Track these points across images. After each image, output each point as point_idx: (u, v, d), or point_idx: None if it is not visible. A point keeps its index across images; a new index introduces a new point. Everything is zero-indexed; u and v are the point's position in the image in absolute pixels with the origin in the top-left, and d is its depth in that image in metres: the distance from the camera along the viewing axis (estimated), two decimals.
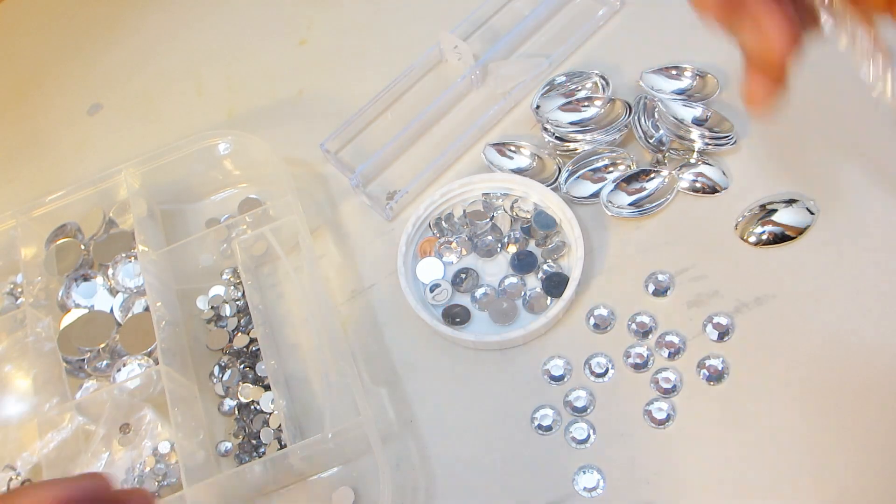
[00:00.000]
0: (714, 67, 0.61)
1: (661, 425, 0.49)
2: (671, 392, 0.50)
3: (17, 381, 0.59)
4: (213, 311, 0.60)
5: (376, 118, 0.67)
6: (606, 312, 0.54)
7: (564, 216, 0.56)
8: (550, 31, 0.68)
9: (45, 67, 0.81)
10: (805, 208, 0.53)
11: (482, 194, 0.60)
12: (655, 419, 0.49)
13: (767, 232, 0.53)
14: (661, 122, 0.58)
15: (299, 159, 0.67)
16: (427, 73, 0.69)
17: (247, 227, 0.60)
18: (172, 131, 0.72)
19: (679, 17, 0.65)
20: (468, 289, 0.57)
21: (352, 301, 0.59)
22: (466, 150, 0.63)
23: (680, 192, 0.57)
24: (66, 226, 0.62)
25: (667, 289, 0.53)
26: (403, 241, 0.57)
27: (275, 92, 0.72)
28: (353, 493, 0.51)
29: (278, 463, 0.50)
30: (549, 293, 0.55)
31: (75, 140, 0.75)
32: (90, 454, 0.53)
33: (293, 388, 0.57)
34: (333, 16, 0.76)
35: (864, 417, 0.47)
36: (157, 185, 0.63)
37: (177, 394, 0.53)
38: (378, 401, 0.54)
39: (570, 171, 0.58)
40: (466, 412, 0.53)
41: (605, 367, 0.52)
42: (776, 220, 0.53)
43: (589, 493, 0.48)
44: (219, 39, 0.78)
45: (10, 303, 0.63)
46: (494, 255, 0.58)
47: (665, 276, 0.54)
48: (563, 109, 0.61)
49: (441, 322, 0.54)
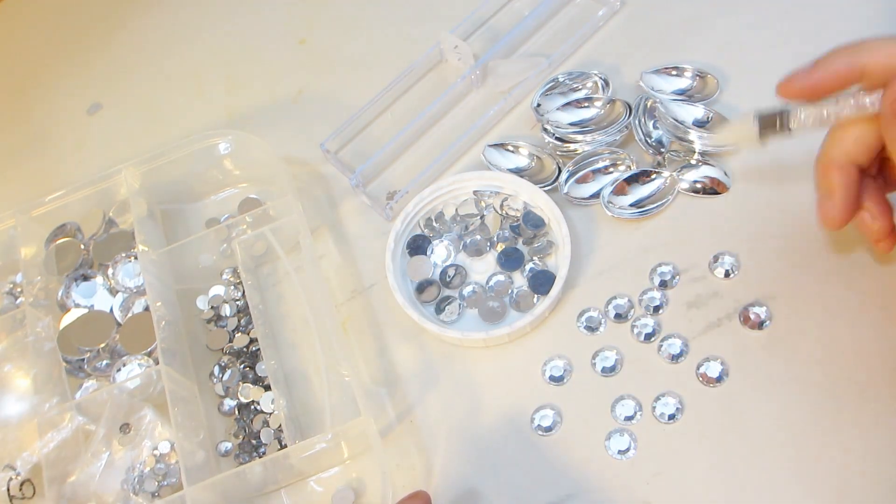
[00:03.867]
0: (714, 67, 0.61)
1: (661, 426, 0.49)
2: (671, 393, 0.50)
3: (17, 381, 0.59)
4: (213, 311, 0.60)
5: (376, 118, 0.67)
6: (602, 314, 0.54)
7: (553, 215, 0.56)
8: (550, 31, 0.68)
9: (45, 67, 0.81)
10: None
11: (473, 192, 0.60)
12: (656, 420, 0.49)
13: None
14: (660, 124, 0.58)
15: (299, 159, 0.67)
16: (427, 73, 0.69)
17: (247, 227, 0.60)
18: (172, 131, 0.72)
19: (679, 17, 0.65)
20: (456, 286, 0.57)
21: (352, 301, 0.59)
22: (466, 150, 0.63)
23: (681, 193, 0.57)
24: (66, 225, 0.62)
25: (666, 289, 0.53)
26: (392, 239, 0.57)
27: (275, 92, 0.72)
28: (353, 493, 0.51)
29: (278, 463, 0.50)
30: (535, 291, 0.55)
31: (75, 140, 0.75)
32: (90, 454, 0.53)
33: (293, 388, 0.57)
34: (333, 16, 0.76)
35: (864, 417, 0.47)
36: (157, 185, 0.63)
37: (177, 394, 0.53)
38: (378, 401, 0.54)
39: (571, 171, 0.58)
40: (467, 412, 0.53)
41: (613, 364, 0.52)
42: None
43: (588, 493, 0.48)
44: (219, 39, 0.78)
45: (10, 302, 0.63)
46: (483, 254, 0.58)
47: (666, 277, 0.54)
48: (563, 110, 0.61)
49: (429, 321, 0.54)
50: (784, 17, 0.63)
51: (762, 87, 0.60)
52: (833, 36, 0.60)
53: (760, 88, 0.60)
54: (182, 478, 0.49)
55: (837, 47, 0.41)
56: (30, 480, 0.55)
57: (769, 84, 0.60)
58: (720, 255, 0.53)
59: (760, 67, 0.61)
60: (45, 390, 0.55)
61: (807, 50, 0.62)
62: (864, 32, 0.60)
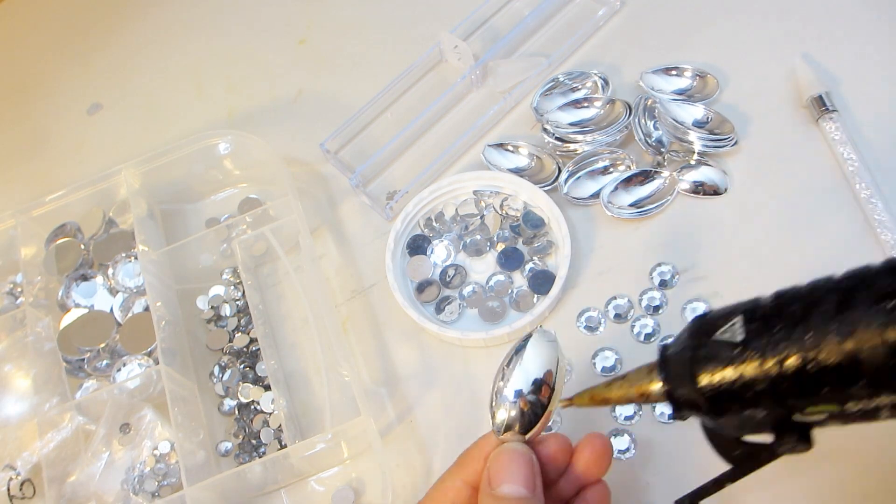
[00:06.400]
0: (714, 67, 0.61)
1: (661, 426, 0.49)
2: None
3: (17, 381, 0.59)
4: (213, 310, 0.60)
5: (376, 118, 0.67)
6: (602, 314, 0.54)
7: (552, 215, 0.56)
8: (550, 31, 0.68)
9: (45, 67, 0.81)
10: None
11: (473, 192, 0.60)
12: (656, 420, 0.49)
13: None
14: (660, 124, 0.58)
15: (299, 159, 0.67)
16: (427, 73, 0.69)
17: (247, 227, 0.60)
18: (172, 131, 0.72)
19: (679, 17, 0.65)
20: (456, 286, 0.57)
21: (352, 301, 0.59)
22: (466, 151, 0.63)
23: (680, 193, 0.57)
24: (66, 225, 0.62)
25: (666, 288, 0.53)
26: (392, 239, 0.57)
27: (274, 92, 0.72)
28: (353, 493, 0.51)
29: (278, 463, 0.50)
30: (535, 291, 0.55)
31: (75, 140, 0.75)
32: (90, 454, 0.53)
33: (293, 388, 0.57)
34: (333, 16, 0.76)
35: None
36: (157, 185, 0.63)
37: (177, 394, 0.53)
38: (378, 401, 0.54)
39: (571, 171, 0.58)
40: (467, 412, 0.53)
41: (613, 364, 0.52)
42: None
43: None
44: (219, 39, 0.78)
45: (10, 302, 0.63)
46: (483, 254, 0.58)
47: (665, 277, 0.54)
48: (563, 110, 0.61)
49: (429, 321, 0.54)
50: (784, 17, 0.63)
51: (762, 87, 0.60)
52: (833, 36, 0.61)
53: (760, 88, 0.60)
54: (182, 478, 0.49)
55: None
56: (30, 480, 0.55)
57: (769, 84, 0.60)
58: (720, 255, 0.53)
59: (760, 67, 0.61)
60: (45, 390, 0.55)
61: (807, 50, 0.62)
62: (864, 32, 0.60)
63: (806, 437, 0.30)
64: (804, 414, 0.29)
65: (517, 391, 0.38)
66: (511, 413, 0.38)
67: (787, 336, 0.28)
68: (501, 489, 0.36)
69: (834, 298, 0.27)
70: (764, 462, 0.33)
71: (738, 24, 0.63)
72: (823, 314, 0.27)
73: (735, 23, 0.64)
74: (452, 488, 0.39)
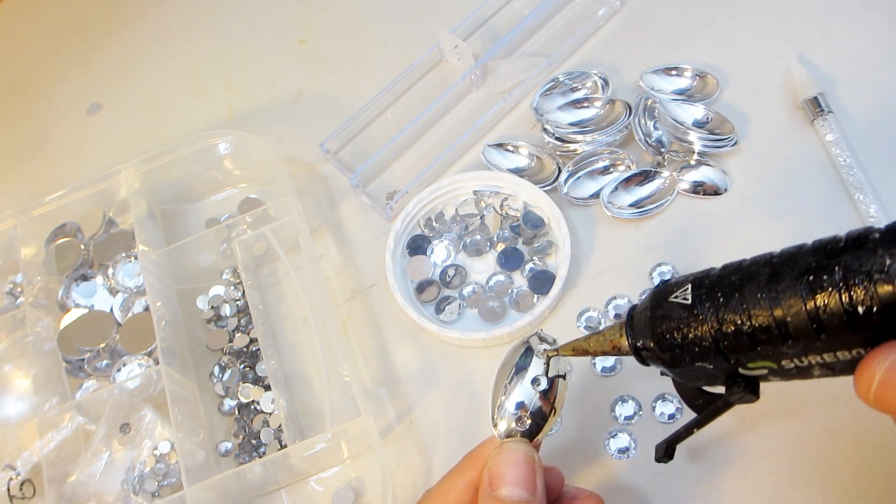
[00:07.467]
0: (714, 67, 0.61)
1: (661, 426, 0.49)
2: (671, 393, 0.50)
3: (17, 381, 0.59)
4: (213, 310, 0.60)
5: (376, 118, 0.67)
6: (601, 314, 0.54)
7: (552, 215, 0.56)
8: (550, 31, 0.68)
9: (45, 67, 0.81)
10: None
11: (473, 192, 0.60)
12: (656, 420, 0.49)
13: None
14: (660, 124, 0.58)
15: (299, 159, 0.67)
16: (427, 73, 0.69)
17: (247, 227, 0.60)
18: (172, 131, 0.72)
19: (679, 17, 0.65)
20: (456, 286, 0.57)
21: (352, 301, 0.59)
22: (466, 151, 0.63)
23: (680, 193, 0.57)
24: (66, 225, 0.62)
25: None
26: (392, 239, 0.57)
27: (274, 92, 0.72)
28: (353, 493, 0.51)
29: (278, 463, 0.50)
30: (535, 291, 0.55)
31: (75, 140, 0.75)
32: (90, 454, 0.53)
33: (293, 388, 0.57)
34: (333, 16, 0.76)
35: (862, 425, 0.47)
36: (157, 185, 0.63)
37: (177, 394, 0.53)
38: (378, 401, 0.54)
39: (571, 171, 0.58)
40: (467, 412, 0.53)
41: (613, 363, 0.52)
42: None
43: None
44: (218, 39, 0.78)
45: (10, 302, 0.63)
46: (483, 254, 0.58)
47: (665, 277, 0.54)
48: (563, 110, 0.61)
49: (429, 321, 0.54)
50: (784, 17, 0.63)
51: (762, 87, 0.60)
52: (833, 36, 0.61)
53: (761, 88, 0.60)
54: (182, 478, 0.49)
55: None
56: (30, 480, 0.55)
57: (769, 84, 0.60)
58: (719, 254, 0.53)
59: (760, 67, 0.61)
60: (45, 390, 0.55)
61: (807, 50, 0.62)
62: (864, 32, 0.60)
63: (753, 389, 0.34)
64: (747, 369, 0.33)
65: (518, 403, 0.39)
66: (512, 424, 0.39)
67: (726, 302, 0.32)
68: (501, 491, 0.36)
69: (767, 272, 0.32)
70: (721, 409, 0.37)
71: (738, 25, 0.63)
72: (757, 284, 0.32)
73: (735, 23, 0.64)
74: (455, 489, 0.39)
